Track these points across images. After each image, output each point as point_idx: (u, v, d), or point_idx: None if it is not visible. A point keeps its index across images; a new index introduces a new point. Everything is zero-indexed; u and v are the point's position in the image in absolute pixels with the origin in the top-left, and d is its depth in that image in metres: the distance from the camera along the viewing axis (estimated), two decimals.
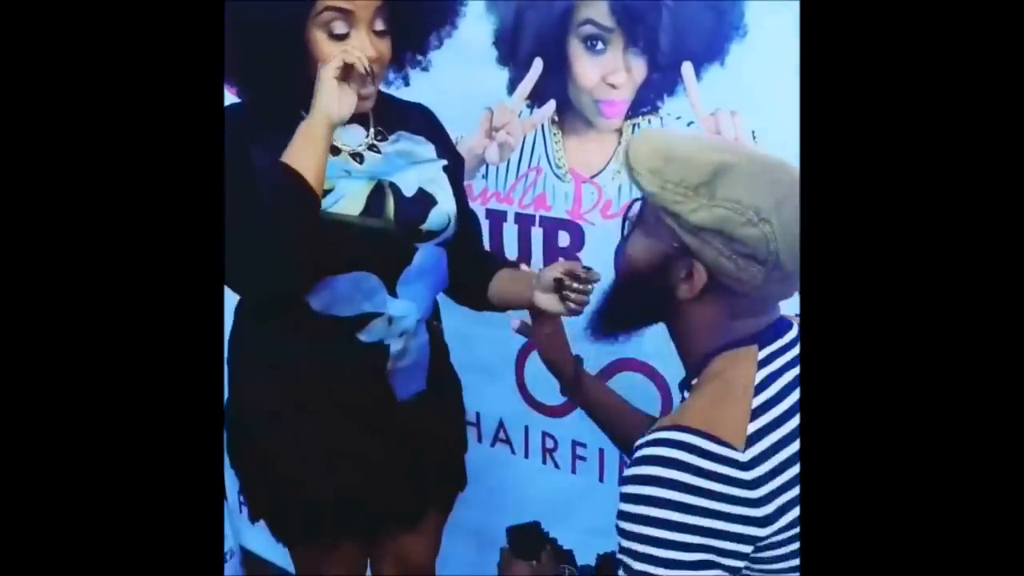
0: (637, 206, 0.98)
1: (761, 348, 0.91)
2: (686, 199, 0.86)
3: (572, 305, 1.11)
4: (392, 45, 1.12)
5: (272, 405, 1.21)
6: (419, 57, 1.20)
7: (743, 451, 0.83)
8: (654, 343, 1.45)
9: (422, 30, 1.16)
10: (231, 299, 1.15)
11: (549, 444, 1.69)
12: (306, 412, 1.19)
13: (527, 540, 1.12)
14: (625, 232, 0.99)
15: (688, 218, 0.86)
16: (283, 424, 1.20)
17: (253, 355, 1.21)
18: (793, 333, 0.94)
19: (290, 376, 1.19)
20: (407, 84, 1.26)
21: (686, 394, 0.98)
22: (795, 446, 0.85)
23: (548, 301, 1.13)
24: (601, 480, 1.64)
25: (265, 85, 1.13)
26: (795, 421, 0.86)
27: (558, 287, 1.11)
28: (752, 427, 0.85)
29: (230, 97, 1.16)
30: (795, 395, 0.88)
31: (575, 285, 1.10)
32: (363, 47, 1.06)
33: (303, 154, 1.04)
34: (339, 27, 1.05)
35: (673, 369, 1.45)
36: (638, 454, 0.87)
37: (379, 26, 1.09)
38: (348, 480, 1.22)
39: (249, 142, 1.09)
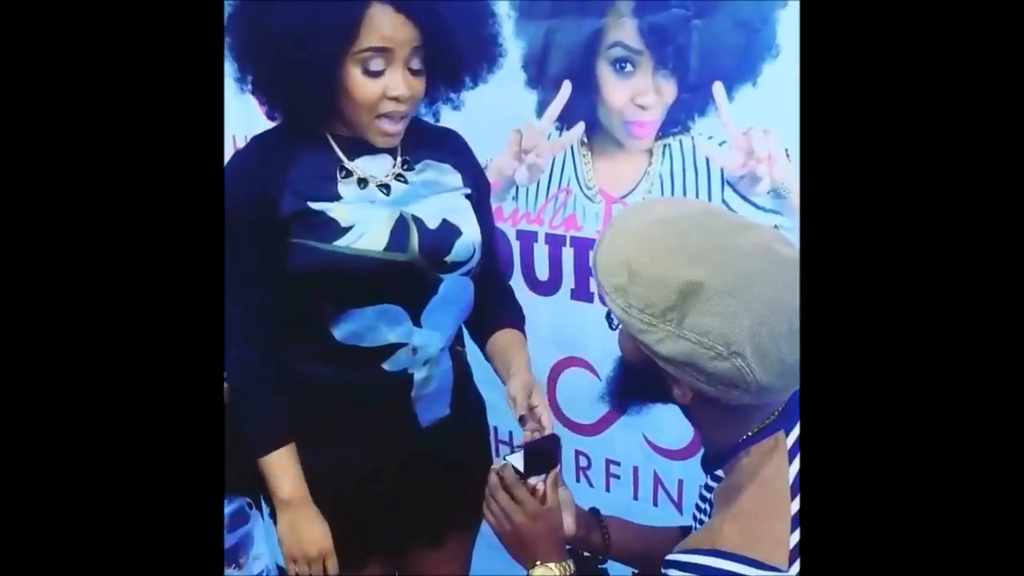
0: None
1: (788, 432, 0.86)
2: (651, 328, 0.80)
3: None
4: (426, 83, 1.12)
5: (299, 430, 1.22)
6: (452, 95, 1.20)
7: (787, 569, 0.77)
8: None
9: (458, 72, 1.16)
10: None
11: (583, 462, 1.69)
12: (331, 437, 1.20)
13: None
14: (613, 324, 0.92)
15: (655, 349, 0.81)
16: (309, 449, 1.21)
17: (275, 386, 1.21)
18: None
19: (315, 403, 1.20)
20: (437, 120, 1.26)
21: (709, 480, 0.95)
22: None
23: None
24: (635, 498, 1.63)
25: (296, 111, 1.14)
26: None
27: (521, 421, 1.09)
28: (795, 538, 0.78)
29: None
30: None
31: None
32: (397, 85, 1.07)
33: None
34: (376, 64, 1.06)
35: None
36: (668, 573, 0.82)
37: (415, 65, 1.09)
38: (374, 503, 1.23)
39: (280, 173, 1.11)
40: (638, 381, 0.92)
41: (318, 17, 1.02)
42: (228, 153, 1.85)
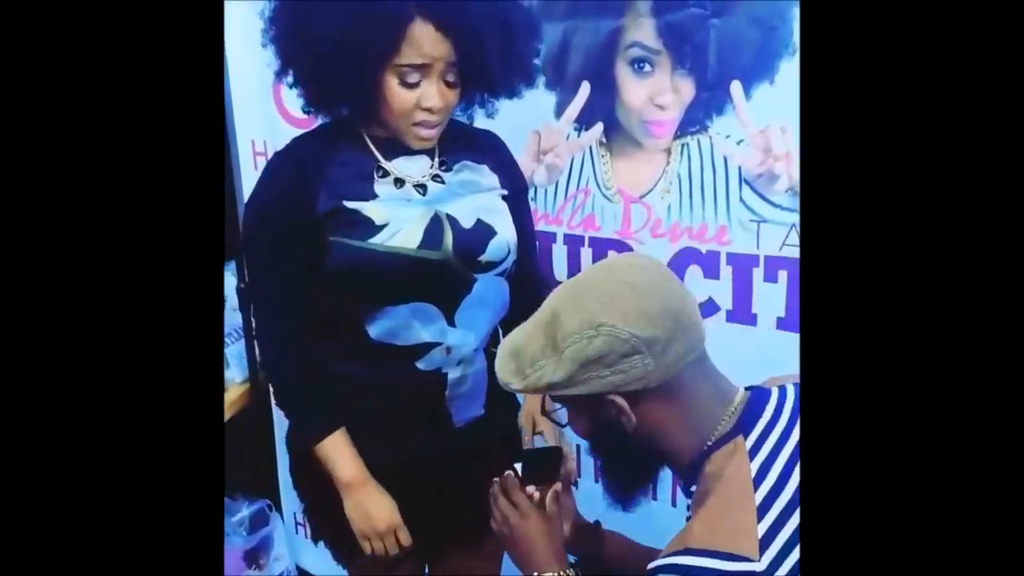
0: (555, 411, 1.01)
1: (747, 436, 0.89)
2: (544, 368, 0.89)
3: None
4: (462, 93, 1.15)
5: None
6: (490, 99, 1.21)
7: (759, 559, 0.80)
8: None
9: (492, 89, 1.18)
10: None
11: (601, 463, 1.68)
12: (364, 436, 1.21)
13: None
14: (563, 423, 1.01)
15: (558, 379, 0.88)
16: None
17: (314, 381, 1.23)
18: (773, 402, 0.92)
19: (348, 402, 1.21)
20: (471, 122, 1.28)
21: (688, 499, 0.97)
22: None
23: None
24: (655, 499, 1.63)
25: (335, 111, 1.17)
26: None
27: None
28: (762, 528, 0.81)
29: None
30: (796, 474, 0.85)
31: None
32: (431, 96, 1.09)
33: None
34: (413, 77, 1.08)
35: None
36: None
37: (450, 78, 1.11)
38: (411, 503, 1.23)
39: (318, 173, 1.13)
40: (616, 458, 0.98)
41: (362, 26, 1.04)
42: (246, 157, 1.88)
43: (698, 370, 0.91)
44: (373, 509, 1.19)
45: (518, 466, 1.08)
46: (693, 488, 0.93)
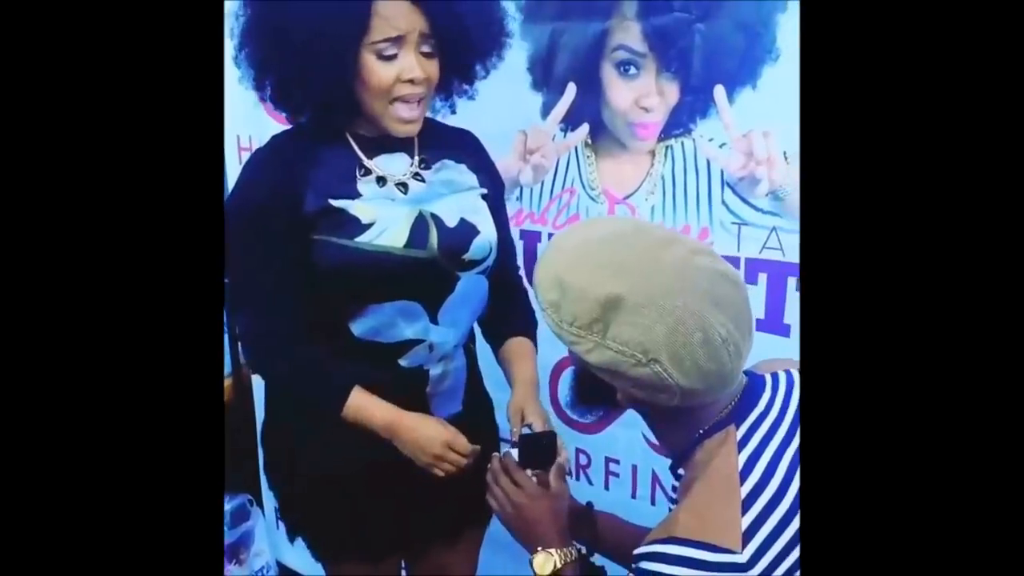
0: None
1: (739, 426, 0.89)
2: (580, 339, 0.86)
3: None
4: (440, 68, 1.15)
5: (311, 426, 1.23)
6: (466, 86, 1.22)
7: (741, 551, 0.81)
8: None
9: (468, 58, 1.19)
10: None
11: (583, 460, 1.70)
12: (345, 432, 1.21)
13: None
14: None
15: (585, 358, 0.87)
16: (322, 444, 1.22)
17: (293, 376, 1.24)
18: (767, 392, 0.93)
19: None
20: (453, 112, 1.28)
21: (676, 481, 0.99)
22: (793, 527, 0.83)
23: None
24: (633, 496, 1.65)
25: (316, 110, 1.17)
26: (788, 499, 0.85)
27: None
28: (746, 521, 0.83)
29: (271, 124, 1.20)
30: (782, 467, 0.86)
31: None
32: (411, 67, 1.10)
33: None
34: (389, 50, 1.09)
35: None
36: (637, 566, 0.86)
37: (425, 48, 1.12)
38: (387, 499, 1.24)
39: (302, 172, 1.13)
40: (592, 385, 0.95)
41: (330, 15, 1.05)
42: (231, 153, 1.88)
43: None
44: (421, 435, 1.16)
45: (514, 452, 1.09)
46: (680, 471, 0.95)
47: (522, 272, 1.45)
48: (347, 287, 1.14)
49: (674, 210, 1.44)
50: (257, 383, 1.93)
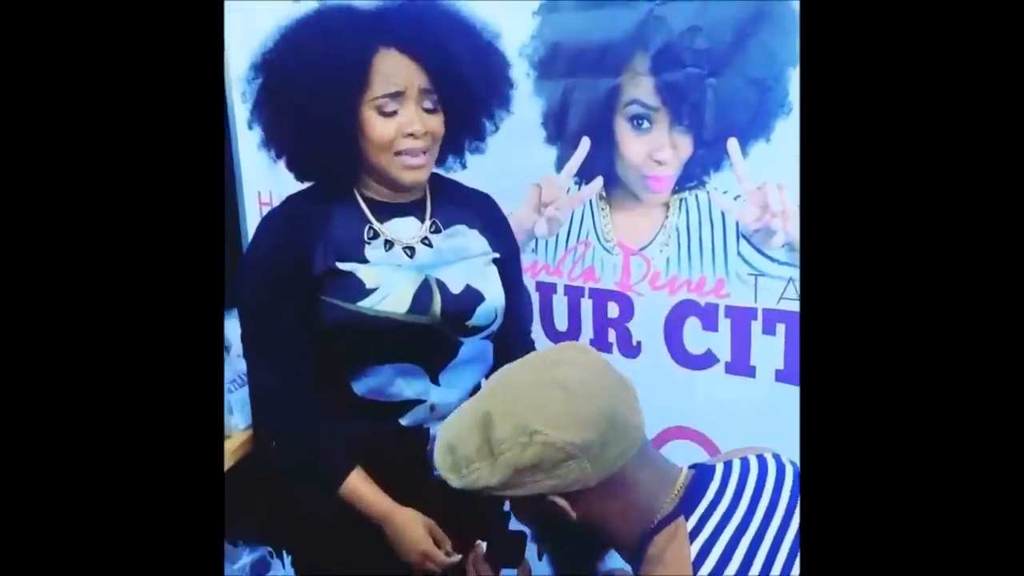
0: None
1: (688, 516, 0.88)
2: (480, 472, 0.87)
3: None
4: (445, 123, 1.16)
5: (315, 480, 1.23)
6: (477, 142, 1.23)
7: None
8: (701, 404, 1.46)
9: (474, 113, 1.20)
10: None
11: None
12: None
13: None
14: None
15: (495, 483, 0.87)
16: (322, 499, 1.21)
17: (297, 445, 1.23)
18: (716, 481, 0.92)
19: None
20: (464, 167, 1.29)
21: None
22: None
23: None
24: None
25: (322, 169, 1.18)
26: None
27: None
28: None
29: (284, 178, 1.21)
30: (739, 555, 0.85)
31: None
32: (411, 121, 1.11)
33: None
34: (390, 106, 1.10)
35: (721, 426, 1.47)
36: None
37: (428, 104, 1.13)
38: (387, 554, 1.23)
39: (313, 233, 1.14)
40: (553, 535, 0.97)
41: (330, 73, 1.07)
42: (252, 209, 1.91)
43: (639, 460, 0.90)
44: (409, 536, 1.18)
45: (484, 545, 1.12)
46: (640, 571, 0.93)
47: (535, 330, 1.45)
48: (350, 347, 1.16)
49: (689, 261, 1.44)
50: None
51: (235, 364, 1.64)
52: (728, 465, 0.95)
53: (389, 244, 1.18)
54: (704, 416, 1.50)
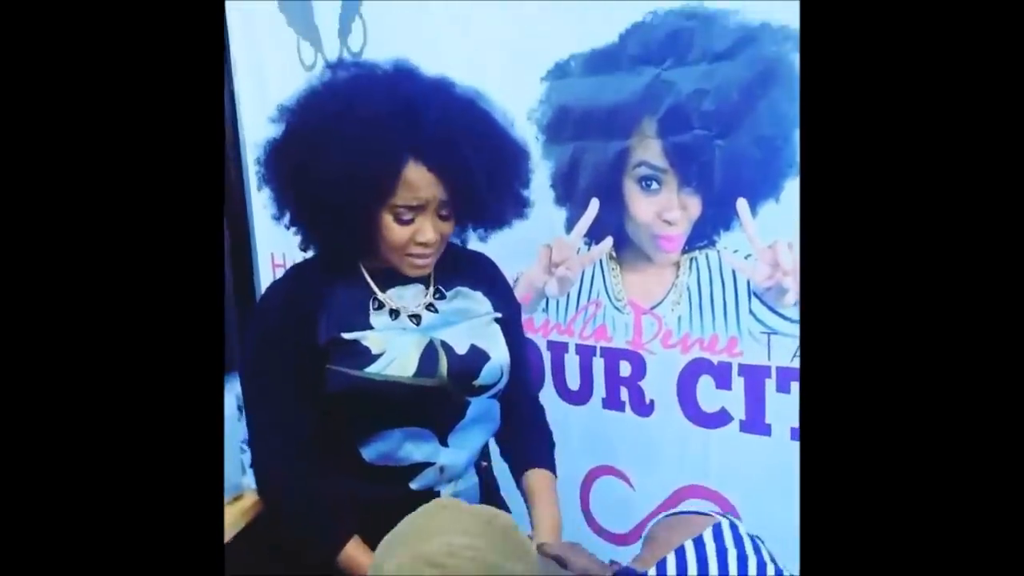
0: None
1: None
2: None
3: None
4: (454, 222, 1.18)
5: (312, 546, 1.22)
6: (482, 232, 1.25)
7: None
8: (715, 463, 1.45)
9: (484, 220, 1.22)
10: None
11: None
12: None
13: None
14: None
15: None
16: (323, 564, 1.20)
17: (314, 498, 1.22)
18: None
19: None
20: (465, 244, 1.30)
21: None
22: None
23: None
24: None
25: (331, 248, 1.20)
26: None
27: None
28: None
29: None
30: None
31: None
32: (425, 232, 1.12)
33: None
34: (407, 215, 1.11)
35: (737, 485, 1.46)
36: None
37: (444, 212, 1.15)
38: None
39: (317, 303, 1.15)
40: None
41: (358, 170, 1.07)
42: (265, 270, 1.92)
43: None
44: None
45: None
46: None
47: (547, 389, 1.45)
48: (357, 414, 1.15)
49: (701, 319, 1.44)
50: None
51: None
52: (662, 564, 0.84)
53: (395, 313, 1.19)
54: (719, 475, 1.49)
